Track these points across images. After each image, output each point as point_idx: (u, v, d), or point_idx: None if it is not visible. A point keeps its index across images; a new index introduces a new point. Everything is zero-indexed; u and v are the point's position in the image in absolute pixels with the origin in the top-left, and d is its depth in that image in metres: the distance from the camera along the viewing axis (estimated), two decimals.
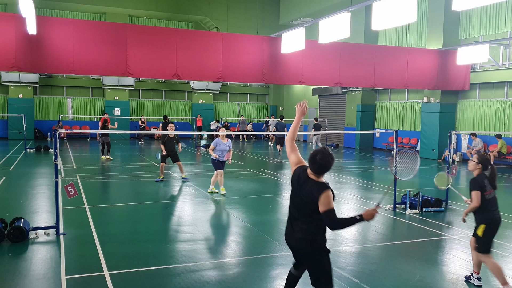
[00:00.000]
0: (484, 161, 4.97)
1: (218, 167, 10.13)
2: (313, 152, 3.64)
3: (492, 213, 4.85)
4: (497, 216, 4.89)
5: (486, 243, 4.84)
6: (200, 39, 14.15)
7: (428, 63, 17.50)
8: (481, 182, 4.87)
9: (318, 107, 28.84)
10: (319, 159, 3.54)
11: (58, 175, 6.83)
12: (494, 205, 4.89)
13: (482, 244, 4.87)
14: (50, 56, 12.44)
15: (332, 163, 3.61)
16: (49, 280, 5.08)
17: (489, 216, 4.84)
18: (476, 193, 4.81)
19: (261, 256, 5.99)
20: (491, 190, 4.88)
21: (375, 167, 16.63)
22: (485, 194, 4.83)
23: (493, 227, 4.84)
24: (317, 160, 3.55)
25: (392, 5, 10.34)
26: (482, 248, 4.87)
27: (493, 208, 4.88)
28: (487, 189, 4.85)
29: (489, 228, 4.81)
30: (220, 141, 10.13)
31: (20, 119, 23.09)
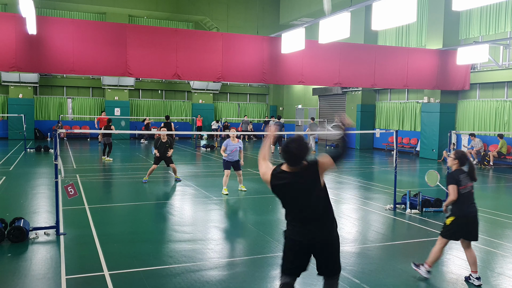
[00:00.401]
0: (461, 157, 5.20)
1: (227, 167, 10.33)
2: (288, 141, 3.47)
3: (465, 207, 5.08)
4: (470, 210, 5.10)
5: (448, 230, 5.12)
6: (200, 39, 14.15)
7: (428, 63, 17.50)
8: (456, 176, 5.11)
9: (318, 107, 28.83)
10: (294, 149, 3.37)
11: (58, 175, 6.83)
12: (469, 199, 5.11)
13: (445, 230, 5.17)
14: (50, 56, 12.43)
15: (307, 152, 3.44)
16: (49, 280, 5.08)
17: (461, 210, 5.07)
18: (452, 187, 5.07)
19: (261, 256, 5.99)
20: (467, 184, 5.12)
21: (375, 167, 16.62)
22: (460, 188, 5.07)
23: (463, 221, 5.06)
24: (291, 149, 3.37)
25: (392, 5, 10.34)
26: (443, 232, 5.18)
27: (468, 203, 5.10)
28: (462, 183, 5.08)
29: (457, 221, 5.06)
30: (230, 142, 10.31)
31: (20, 119, 23.08)
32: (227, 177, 10.35)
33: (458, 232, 5.11)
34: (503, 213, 8.89)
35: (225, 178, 10.35)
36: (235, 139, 10.39)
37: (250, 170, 14.52)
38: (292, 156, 3.39)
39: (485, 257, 6.18)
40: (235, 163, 10.44)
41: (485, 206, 9.55)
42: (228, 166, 10.39)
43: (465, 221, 5.08)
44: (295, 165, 3.44)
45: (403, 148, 21.68)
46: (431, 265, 5.24)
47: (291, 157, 3.40)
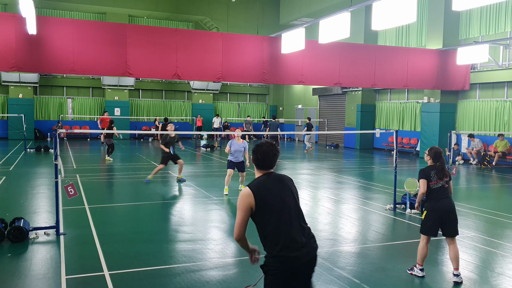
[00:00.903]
0: (434, 153, 5.37)
1: (230, 167, 10.35)
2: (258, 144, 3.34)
3: (436, 201, 5.24)
4: (441, 205, 5.22)
5: (424, 225, 5.30)
6: (200, 39, 14.15)
7: (428, 63, 17.50)
8: (427, 172, 5.30)
9: (318, 107, 28.84)
10: (259, 154, 3.24)
11: (58, 175, 6.84)
12: (440, 194, 5.25)
13: (422, 225, 5.36)
14: (50, 56, 12.43)
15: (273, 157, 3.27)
16: (49, 280, 5.08)
17: (432, 204, 5.25)
18: (422, 181, 5.29)
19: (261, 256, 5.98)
20: (438, 180, 5.27)
21: (375, 167, 16.62)
22: (431, 184, 5.26)
23: (435, 214, 5.21)
24: (257, 154, 3.25)
25: (392, 5, 10.34)
26: (421, 228, 5.36)
27: (439, 197, 5.24)
28: (432, 179, 5.26)
29: (429, 215, 5.25)
30: (234, 142, 10.30)
31: (20, 119, 23.09)
32: (230, 176, 10.33)
33: (433, 227, 5.23)
34: (503, 213, 8.89)
35: (228, 177, 10.33)
36: (240, 139, 10.38)
37: (250, 170, 14.50)
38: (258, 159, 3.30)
39: (485, 257, 6.18)
40: (240, 164, 10.42)
41: (485, 206, 9.56)
42: (232, 166, 10.39)
43: (438, 215, 5.20)
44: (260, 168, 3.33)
45: (403, 148, 21.68)
46: (421, 263, 5.34)
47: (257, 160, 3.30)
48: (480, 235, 7.27)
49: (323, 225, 7.81)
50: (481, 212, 8.97)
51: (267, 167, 3.29)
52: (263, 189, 3.18)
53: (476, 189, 12.47)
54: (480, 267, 5.76)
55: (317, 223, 8.01)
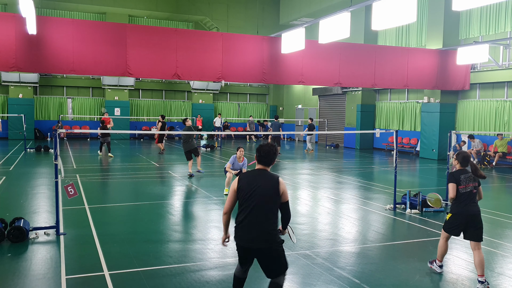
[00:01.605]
0: (462, 158, 5.36)
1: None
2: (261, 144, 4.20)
3: (462, 206, 5.23)
4: (467, 209, 5.22)
5: (448, 225, 5.37)
6: (200, 39, 14.15)
7: (428, 63, 17.50)
8: (457, 176, 5.28)
9: (318, 107, 28.84)
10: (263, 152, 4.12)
11: (58, 175, 6.83)
12: (467, 199, 5.22)
13: (445, 224, 5.45)
14: (50, 56, 12.44)
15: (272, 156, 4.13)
16: (49, 280, 5.08)
17: (458, 208, 5.25)
18: (451, 185, 5.27)
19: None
20: (467, 184, 5.25)
21: (375, 167, 16.62)
22: (460, 187, 5.24)
23: (459, 217, 5.24)
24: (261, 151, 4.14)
25: (392, 5, 10.34)
26: (444, 226, 5.47)
27: (466, 202, 5.22)
28: (462, 183, 5.25)
29: (454, 217, 5.29)
30: (236, 161, 10.09)
31: (20, 119, 23.09)
32: (230, 179, 10.09)
33: (455, 229, 5.29)
34: (503, 213, 8.89)
35: (228, 179, 10.12)
36: (241, 158, 10.16)
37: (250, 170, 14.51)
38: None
39: (485, 257, 6.14)
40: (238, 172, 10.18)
41: (485, 206, 9.55)
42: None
43: (462, 219, 5.22)
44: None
45: (403, 148, 21.69)
46: (441, 259, 5.49)
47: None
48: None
49: (323, 225, 7.81)
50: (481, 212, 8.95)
51: (265, 164, 4.11)
52: (248, 179, 4.02)
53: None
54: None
55: (317, 223, 8.01)
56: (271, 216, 3.94)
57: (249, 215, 3.92)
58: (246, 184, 3.98)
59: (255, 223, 3.90)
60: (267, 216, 3.92)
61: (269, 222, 3.92)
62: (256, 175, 4.05)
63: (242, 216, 3.96)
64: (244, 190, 3.96)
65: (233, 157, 10.16)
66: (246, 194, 3.94)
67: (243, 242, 3.98)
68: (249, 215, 3.92)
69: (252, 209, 3.91)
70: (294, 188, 11.64)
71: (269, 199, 3.93)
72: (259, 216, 3.90)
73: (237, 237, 4.03)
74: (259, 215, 3.90)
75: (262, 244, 3.90)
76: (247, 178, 4.03)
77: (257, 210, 3.90)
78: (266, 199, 3.92)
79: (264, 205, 3.91)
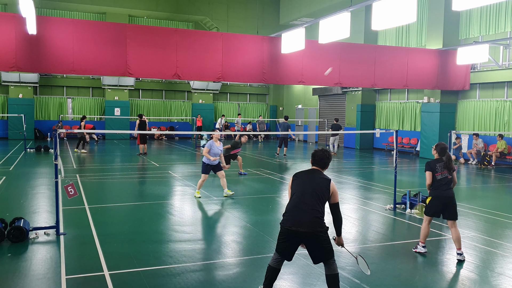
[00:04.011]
0: (440, 149, 6.12)
1: (206, 171, 9.90)
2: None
3: (440, 190, 6.00)
4: (443, 193, 5.99)
5: (429, 208, 6.12)
6: (200, 39, 14.15)
7: (428, 63, 17.50)
8: (432, 165, 6.06)
9: (318, 107, 28.84)
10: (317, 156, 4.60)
11: (58, 175, 6.83)
12: (444, 184, 6.00)
13: (426, 208, 6.18)
14: (50, 56, 12.43)
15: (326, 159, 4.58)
16: (49, 280, 5.08)
17: (436, 192, 6.02)
18: (428, 174, 6.05)
19: (261, 256, 5.99)
20: (442, 172, 6.03)
21: (375, 167, 16.62)
22: (436, 175, 6.02)
23: (437, 200, 6.02)
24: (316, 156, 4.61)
25: (392, 5, 10.34)
26: (425, 211, 6.19)
27: (442, 187, 5.99)
28: (437, 171, 6.02)
29: (433, 200, 6.05)
30: (214, 144, 9.85)
31: (20, 119, 23.09)
32: (203, 181, 9.94)
33: (435, 211, 6.06)
34: (503, 213, 8.89)
35: (201, 182, 9.90)
36: (218, 142, 9.93)
37: (250, 170, 14.52)
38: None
39: (485, 257, 6.18)
40: (216, 166, 9.97)
41: (486, 206, 9.56)
42: (207, 170, 9.89)
43: (440, 201, 5.99)
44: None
45: (403, 148, 21.69)
46: (423, 241, 6.18)
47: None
48: (480, 235, 7.27)
49: None
50: (481, 212, 8.97)
51: (318, 166, 4.56)
52: (302, 174, 4.52)
53: (476, 189, 12.47)
54: (480, 267, 5.76)
55: None
56: (319, 205, 4.27)
57: (299, 201, 4.29)
58: (299, 179, 4.45)
59: (304, 209, 4.23)
60: (315, 204, 4.25)
61: (317, 210, 4.24)
62: (310, 172, 4.50)
63: (292, 203, 4.34)
64: (297, 183, 4.42)
65: (210, 141, 9.93)
66: (299, 185, 4.38)
67: (291, 225, 4.22)
68: (298, 201, 4.29)
69: (302, 197, 4.29)
70: None
71: (319, 191, 4.30)
72: (308, 203, 4.25)
73: (284, 221, 4.30)
74: (308, 202, 4.25)
75: (309, 228, 4.17)
76: (302, 173, 4.52)
77: (306, 198, 4.27)
78: (317, 190, 4.30)
79: (314, 195, 4.27)
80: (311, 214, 4.20)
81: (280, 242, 4.36)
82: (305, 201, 4.26)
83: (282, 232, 4.33)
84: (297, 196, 4.33)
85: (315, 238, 4.21)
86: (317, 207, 4.25)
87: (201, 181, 9.95)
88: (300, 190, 4.34)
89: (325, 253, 4.27)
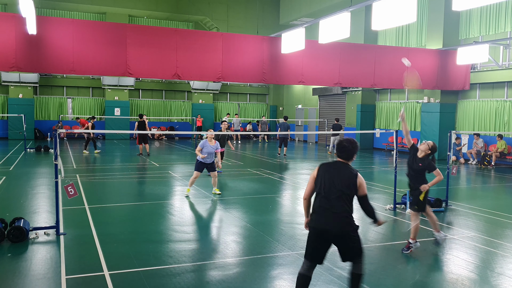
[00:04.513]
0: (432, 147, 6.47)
1: (199, 169, 9.94)
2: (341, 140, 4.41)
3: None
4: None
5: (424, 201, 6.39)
6: (200, 39, 14.14)
7: (428, 63, 17.49)
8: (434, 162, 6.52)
9: (318, 107, 28.83)
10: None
11: (58, 175, 6.83)
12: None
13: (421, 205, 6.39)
14: (50, 56, 12.43)
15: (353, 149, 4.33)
16: (49, 280, 5.08)
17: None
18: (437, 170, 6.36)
19: (261, 256, 5.99)
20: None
21: (375, 167, 16.62)
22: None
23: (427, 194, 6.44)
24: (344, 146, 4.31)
25: (392, 5, 10.34)
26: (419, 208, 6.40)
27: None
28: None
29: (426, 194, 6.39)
30: (207, 143, 9.91)
31: (20, 119, 23.09)
32: (195, 179, 10.00)
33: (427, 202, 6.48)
34: (503, 213, 8.89)
35: (193, 179, 9.97)
36: (212, 140, 10.00)
37: (250, 170, 14.52)
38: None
39: (485, 257, 6.18)
40: (210, 164, 10.02)
41: (486, 206, 9.56)
42: (201, 168, 9.94)
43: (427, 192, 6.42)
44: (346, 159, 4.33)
45: (403, 148, 21.66)
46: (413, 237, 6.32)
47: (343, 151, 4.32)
48: (480, 235, 7.27)
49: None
50: (481, 212, 8.97)
51: (344, 158, 4.27)
52: (326, 168, 4.25)
53: (476, 189, 12.46)
54: (480, 267, 5.76)
55: None
56: (347, 203, 4.13)
57: (326, 201, 4.10)
58: (324, 172, 4.20)
59: (331, 209, 4.07)
60: (343, 203, 4.09)
61: (345, 208, 4.10)
62: (335, 166, 4.25)
63: (319, 203, 4.15)
64: (322, 177, 4.17)
65: (204, 140, 10.00)
66: (324, 182, 4.14)
67: (320, 225, 4.09)
68: (325, 201, 4.10)
69: (328, 194, 4.10)
70: (294, 188, 11.64)
71: (346, 188, 4.12)
72: (336, 202, 4.08)
73: (313, 221, 4.16)
74: (336, 201, 4.08)
75: (338, 227, 4.05)
76: (326, 166, 4.26)
77: (333, 196, 4.09)
78: (343, 187, 4.10)
79: (340, 191, 4.09)
80: (339, 214, 4.07)
81: (309, 245, 4.19)
82: (332, 199, 4.09)
83: (311, 233, 4.18)
84: (324, 194, 4.13)
85: (345, 238, 4.10)
86: (345, 205, 4.11)
87: (192, 178, 10.02)
88: (325, 187, 4.13)
89: (355, 253, 4.19)
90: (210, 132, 9.99)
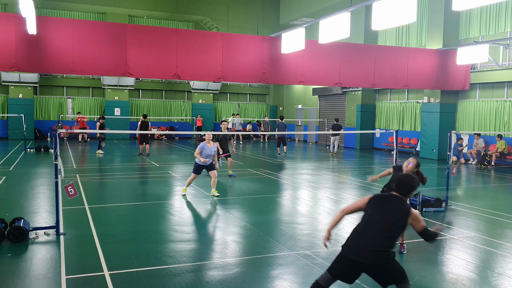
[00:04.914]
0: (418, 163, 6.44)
1: (197, 171, 9.91)
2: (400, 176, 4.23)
3: None
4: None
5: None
6: (200, 39, 14.15)
7: (428, 63, 17.50)
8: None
9: (318, 107, 28.83)
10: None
11: (58, 175, 6.83)
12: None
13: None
14: (50, 56, 12.43)
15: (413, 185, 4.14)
16: (49, 280, 5.08)
17: None
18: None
19: (261, 256, 5.99)
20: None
21: (375, 167, 16.62)
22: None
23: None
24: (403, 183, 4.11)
25: (392, 5, 10.34)
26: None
27: None
28: None
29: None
30: (206, 146, 9.84)
31: (20, 119, 23.08)
32: (193, 179, 9.98)
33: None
34: (503, 213, 8.89)
35: (191, 179, 9.96)
36: (210, 142, 9.92)
37: (250, 170, 14.52)
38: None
39: (485, 257, 6.17)
40: (209, 166, 9.95)
41: (485, 206, 9.56)
42: (199, 170, 9.90)
43: None
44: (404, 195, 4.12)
45: (403, 148, 21.68)
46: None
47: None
48: (480, 235, 7.27)
49: (323, 225, 7.81)
50: (481, 212, 8.97)
51: (400, 193, 4.07)
52: (381, 198, 4.08)
53: (476, 189, 12.46)
54: (480, 267, 5.76)
55: (317, 223, 8.01)
56: (389, 237, 3.83)
57: (367, 227, 3.87)
58: (377, 200, 4.04)
59: (370, 238, 3.80)
60: (385, 235, 3.81)
61: (385, 241, 3.79)
62: (390, 198, 4.05)
63: (360, 227, 3.93)
64: (374, 205, 4.00)
65: (203, 143, 9.90)
66: (374, 209, 3.96)
67: (351, 252, 3.81)
68: (367, 227, 3.88)
69: (372, 224, 3.87)
70: (294, 188, 11.64)
71: (394, 223, 3.88)
72: (377, 232, 3.81)
73: (347, 246, 3.88)
74: (378, 231, 3.81)
75: (371, 259, 3.75)
76: (381, 197, 4.10)
77: (377, 227, 3.84)
78: (391, 218, 3.88)
79: (386, 225, 3.84)
80: (376, 245, 3.75)
81: (336, 265, 3.92)
82: (374, 230, 3.82)
83: (341, 257, 3.88)
84: (367, 222, 3.90)
85: (378, 269, 3.80)
86: (386, 240, 3.80)
87: (190, 179, 10.00)
88: (372, 217, 3.91)
89: (394, 278, 3.86)
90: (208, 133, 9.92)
